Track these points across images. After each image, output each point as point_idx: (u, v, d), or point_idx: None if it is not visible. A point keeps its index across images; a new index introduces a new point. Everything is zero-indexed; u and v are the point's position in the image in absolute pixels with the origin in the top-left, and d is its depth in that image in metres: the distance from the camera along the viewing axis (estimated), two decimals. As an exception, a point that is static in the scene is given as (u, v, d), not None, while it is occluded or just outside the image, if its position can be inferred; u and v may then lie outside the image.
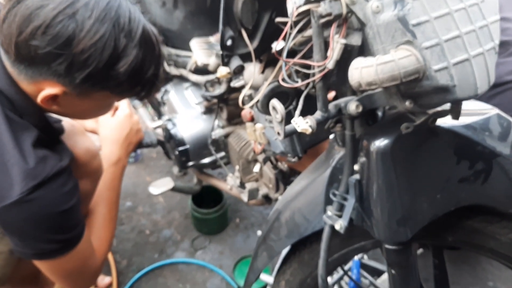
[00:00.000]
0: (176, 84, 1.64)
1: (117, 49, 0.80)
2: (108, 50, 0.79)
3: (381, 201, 0.73)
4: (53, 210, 0.87)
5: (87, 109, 0.94)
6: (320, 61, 0.64)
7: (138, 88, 0.90)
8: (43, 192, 0.84)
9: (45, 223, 0.87)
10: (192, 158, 1.52)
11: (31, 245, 0.90)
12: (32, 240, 0.89)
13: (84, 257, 1.04)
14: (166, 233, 1.89)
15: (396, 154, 0.70)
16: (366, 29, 0.60)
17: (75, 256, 0.98)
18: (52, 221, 0.88)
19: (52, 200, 0.86)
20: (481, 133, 0.72)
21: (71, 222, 0.94)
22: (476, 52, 0.56)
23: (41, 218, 0.86)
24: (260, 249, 1.02)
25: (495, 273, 1.67)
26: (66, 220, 0.92)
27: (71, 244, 0.96)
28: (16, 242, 0.90)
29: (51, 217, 0.87)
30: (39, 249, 0.91)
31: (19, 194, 0.81)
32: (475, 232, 0.81)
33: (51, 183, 0.86)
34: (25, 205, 0.83)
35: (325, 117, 0.68)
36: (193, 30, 1.45)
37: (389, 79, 0.55)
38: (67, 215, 0.91)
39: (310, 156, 1.09)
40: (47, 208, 0.86)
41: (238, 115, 1.48)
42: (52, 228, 0.90)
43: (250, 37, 0.76)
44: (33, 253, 0.92)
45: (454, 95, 0.56)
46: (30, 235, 0.88)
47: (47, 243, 0.91)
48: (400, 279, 0.83)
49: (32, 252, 0.91)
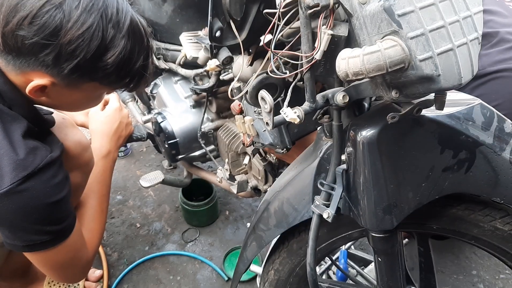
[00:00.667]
0: (165, 78, 1.64)
1: (104, 39, 0.80)
2: (96, 41, 0.79)
3: (367, 190, 0.75)
4: (43, 202, 0.86)
5: (76, 100, 0.94)
6: (308, 52, 0.65)
7: (127, 79, 0.90)
8: (33, 183, 0.84)
9: (36, 215, 0.87)
10: (182, 151, 1.52)
11: (22, 237, 0.90)
12: (22, 231, 0.89)
13: (75, 249, 1.04)
14: (156, 226, 1.89)
15: (382, 144, 0.72)
16: (353, 20, 0.61)
17: (66, 248, 0.98)
18: (42, 213, 0.88)
19: (42, 192, 0.86)
20: (464, 123, 0.74)
21: (61, 213, 0.94)
22: (460, 42, 0.58)
23: (32, 209, 0.86)
24: (249, 239, 1.03)
25: (479, 261, 1.71)
26: (57, 211, 0.92)
27: (62, 236, 0.96)
28: (6, 234, 0.89)
29: (42, 209, 0.87)
30: (30, 241, 0.91)
31: (9, 185, 0.81)
32: (458, 220, 0.83)
33: (41, 174, 0.86)
34: (15, 196, 0.82)
35: (313, 108, 0.69)
36: (182, 24, 1.45)
37: (375, 69, 0.56)
38: (57, 207, 0.91)
39: (298, 148, 1.11)
40: (38, 200, 0.86)
41: (227, 108, 1.49)
42: (43, 219, 0.89)
43: (239, 29, 0.76)
44: (24, 245, 0.91)
45: (439, 85, 0.57)
46: (20, 226, 0.88)
47: (38, 235, 0.91)
48: (386, 266, 0.85)
49: (23, 244, 0.91)
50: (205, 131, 1.49)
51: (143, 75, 0.92)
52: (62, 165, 0.94)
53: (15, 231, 0.89)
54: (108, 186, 1.28)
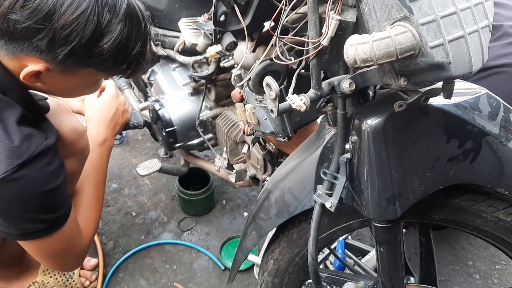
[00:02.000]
0: (163, 64, 1.62)
1: (100, 24, 0.78)
2: (91, 25, 0.77)
3: (371, 179, 0.74)
4: (38, 190, 0.85)
5: (72, 86, 0.92)
6: (315, 37, 0.64)
7: (123, 65, 0.88)
8: (28, 171, 0.83)
9: (31, 203, 0.86)
10: (179, 139, 1.51)
11: (16, 225, 0.89)
12: (17, 220, 0.88)
13: (71, 237, 1.02)
14: (152, 214, 1.88)
15: (388, 133, 0.71)
16: (362, 5, 0.60)
17: (61, 236, 0.97)
18: (37, 201, 0.87)
19: (37, 179, 0.84)
20: (471, 112, 0.73)
21: (57, 201, 0.92)
22: (471, 30, 0.57)
23: (27, 197, 0.84)
24: (249, 229, 1.02)
25: (475, 252, 1.72)
26: (52, 199, 0.90)
27: (57, 224, 0.95)
28: (1, 222, 0.88)
29: (37, 197, 0.86)
30: (25, 229, 0.89)
31: (4, 173, 0.79)
32: (461, 210, 0.82)
33: (37, 162, 0.84)
34: (10, 184, 0.81)
35: (318, 95, 0.68)
36: (180, 10, 1.43)
37: (385, 55, 0.55)
38: (53, 195, 0.89)
39: (297, 138, 1.10)
40: (33, 188, 0.84)
41: (226, 96, 1.48)
42: (38, 207, 0.88)
43: (243, 13, 0.75)
44: (18, 233, 0.90)
45: (449, 73, 0.56)
46: (15, 215, 0.86)
47: (33, 223, 0.89)
48: (388, 256, 0.85)
49: (17, 232, 0.90)
50: (204, 119, 1.48)
51: (141, 62, 0.89)
52: (58, 153, 0.92)
53: (10, 219, 0.87)
54: (104, 174, 1.27)
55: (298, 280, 1.07)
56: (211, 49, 1.16)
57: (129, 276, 1.62)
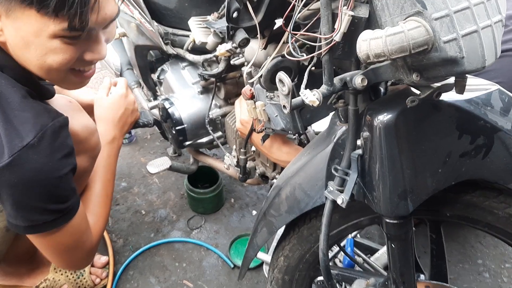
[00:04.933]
0: (172, 63, 1.63)
1: None
2: None
3: (383, 175, 0.74)
4: (45, 176, 0.85)
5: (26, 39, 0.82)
6: (328, 33, 0.64)
7: (65, 8, 0.76)
8: (33, 155, 0.83)
9: (37, 189, 0.86)
10: (189, 137, 1.52)
11: (24, 216, 0.89)
12: (24, 209, 0.88)
13: (79, 231, 1.03)
14: (161, 213, 1.89)
15: (400, 129, 0.71)
16: (374, 1, 0.60)
17: (69, 230, 0.97)
18: (44, 188, 0.87)
19: (44, 165, 0.84)
20: (483, 108, 0.73)
21: (65, 191, 0.93)
22: (484, 24, 0.57)
23: (33, 183, 0.84)
24: (259, 225, 1.02)
25: (484, 251, 1.71)
26: (60, 188, 0.90)
27: (66, 216, 0.95)
28: (9, 211, 0.89)
29: (43, 183, 0.86)
30: (32, 221, 0.90)
31: (8, 158, 0.80)
32: (472, 206, 0.82)
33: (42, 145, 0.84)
34: (16, 169, 0.81)
35: (330, 91, 0.68)
36: (190, 9, 1.44)
37: (398, 50, 0.55)
38: (60, 183, 0.89)
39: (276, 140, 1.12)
40: (39, 173, 0.84)
41: (235, 94, 1.48)
42: (45, 195, 0.88)
43: (255, 10, 0.75)
44: (27, 225, 0.90)
45: (462, 67, 0.56)
46: (23, 203, 0.86)
47: (41, 214, 0.89)
48: (399, 252, 0.85)
49: (26, 224, 0.90)
50: (213, 118, 1.48)
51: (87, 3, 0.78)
52: (68, 139, 0.92)
53: (17, 208, 0.88)
54: (113, 172, 1.28)
55: (308, 277, 1.07)
56: (221, 47, 1.17)
57: (139, 273, 1.63)
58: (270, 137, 1.17)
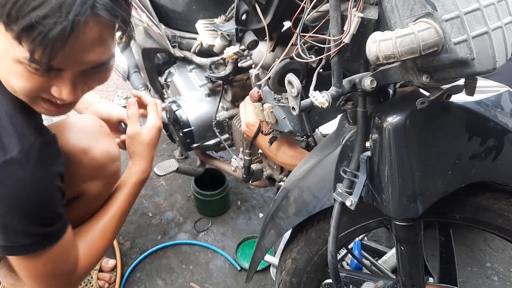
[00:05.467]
0: (179, 66, 1.63)
1: None
2: None
3: (392, 177, 0.74)
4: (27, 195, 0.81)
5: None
6: (337, 35, 0.64)
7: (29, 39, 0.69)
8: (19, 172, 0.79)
9: (17, 208, 0.81)
10: (196, 140, 1.52)
11: (1, 235, 0.84)
12: (2, 229, 0.83)
13: (61, 260, 0.96)
14: (168, 215, 1.89)
15: (409, 131, 0.71)
16: (384, 2, 0.60)
17: (50, 256, 0.91)
18: (25, 208, 0.82)
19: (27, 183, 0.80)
20: (493, 110, 0.72)
21: (49, 214, 0.88)
22: (495, 26, 0.57)
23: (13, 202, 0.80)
24: (267, 228, 1.02)
25: (493, 254, 1.70)
26: (43, 210, 0.86)
27: (46, 242, 0.89)
28: None
29: (24, 203, 0.81)
30: (10, 241, 0.85)
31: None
32: (482, 209, 0.82)
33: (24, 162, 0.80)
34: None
35: (339, 93, 0.68)
36: (198, 12, 1.44)
37: (408, 52, 0.55)
38: (44, 204, 0.85)
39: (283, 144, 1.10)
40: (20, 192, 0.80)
41: (242, 97, 1.48)
42: (25, 216, 0.83)
43: (263, 12, 0.75)
44: (3, 245, 0.85)
45: (473, 69, 0.56)
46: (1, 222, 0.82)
47: (19, 236, 0.84)
48: (408, 255, 0.85)
49: (2, 244, 0.85)
50: (220, 120, 1.48)
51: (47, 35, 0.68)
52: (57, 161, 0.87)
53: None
54: (128, 210, 1.19)
55: (316, 280, 1.07)
56: (228, 49, 1.17)
57: (146, 276, 1.63)
58: (277, 139, 1.17)
